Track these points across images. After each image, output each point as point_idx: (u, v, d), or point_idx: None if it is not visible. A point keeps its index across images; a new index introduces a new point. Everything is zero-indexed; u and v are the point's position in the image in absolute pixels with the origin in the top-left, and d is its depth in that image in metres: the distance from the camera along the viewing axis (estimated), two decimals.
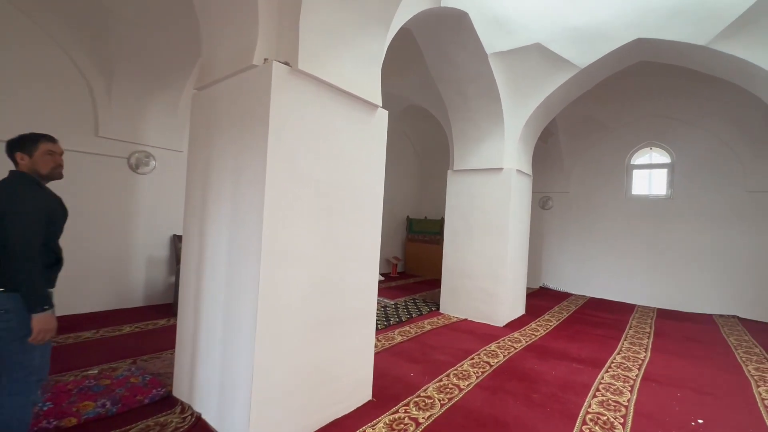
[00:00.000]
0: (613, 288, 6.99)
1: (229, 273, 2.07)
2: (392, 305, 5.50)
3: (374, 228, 2.62)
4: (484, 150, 5.01)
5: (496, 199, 4.89)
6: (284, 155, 1.96)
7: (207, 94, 2.36)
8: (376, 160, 2.60)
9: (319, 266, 2.20)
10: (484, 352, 3.76)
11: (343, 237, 2.35)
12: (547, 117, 5.22)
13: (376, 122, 2.57)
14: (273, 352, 1.95)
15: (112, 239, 4.46)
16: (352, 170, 2.41)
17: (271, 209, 1.90)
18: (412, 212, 9.47)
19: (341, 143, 2.32)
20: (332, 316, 2.30)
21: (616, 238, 7.04)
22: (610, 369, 3.46)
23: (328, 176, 2.24)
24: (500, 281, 4.81)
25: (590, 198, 7.37)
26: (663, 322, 5.40)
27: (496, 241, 4.86)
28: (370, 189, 2.56)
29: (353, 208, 2.43)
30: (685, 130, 6.45)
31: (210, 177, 2.27)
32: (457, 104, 4.93)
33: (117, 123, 4.42)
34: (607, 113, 6.82)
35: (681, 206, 6.48)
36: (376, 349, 3.66)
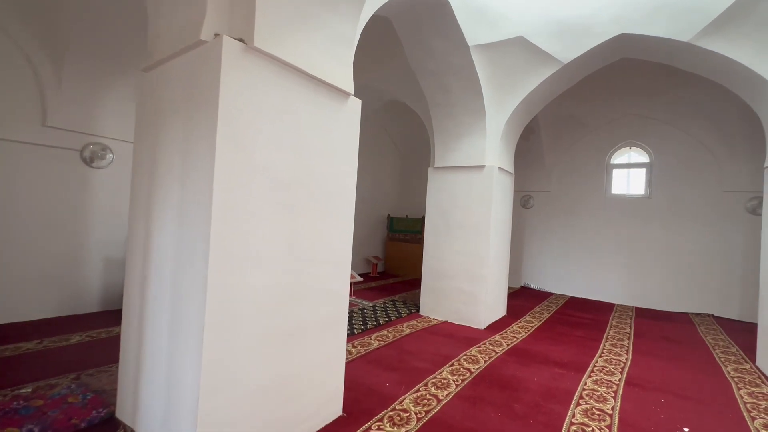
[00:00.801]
0: (593, 287, 6.99)
1: (175, 278, 1.81)
2: (370, 307, 5.28)
3: (346, 227, 2.39)
4: (465, 147, 4.85)
5: (478, 197, 4.74)
6: (238, 144, 1.71)
7: (153, 76, 2.08)
8: (347, 153, 2.37)
9: (281, 269, 1.96)
10: (465, 357, 3.59)
11: (309, 237, 2.12)
12: (530, 114, 5.10)
13: (347, 111, 2.35)
14: (224, 369, 1.70)
15: (61, 239, 4.07)
16: (320, 163, 2.17)
17: (221, 205, 1.65)
18: (393, 211, 9.27)
19: (307, 134, 2.08)
20: (297, 325, 2.06)
21: (596, 237, 7.03)
22: (592, 373, 3.35)
23: (291, 169, 2.00)
24: (481, 282, 4.66)
25: (571, 197, 7.35)
26: (642, 322, 5.39)
27: (477, 240, 4.71)
28: (341, 184, 2.33)
29: (321, 204, 2.20)
30: (663, 130, 6.48)
31: (157, 169, 2.00)
32: (438, 99, 4.75)
33: (67, 111, 4.03)
34: (588, 112, 6.79)
35: (659, 205, 6.52)
36: (351, 356, 3.44)
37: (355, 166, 2.43)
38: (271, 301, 1.91)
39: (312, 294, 2.15)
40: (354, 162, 2.42)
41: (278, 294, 1.95)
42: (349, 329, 4.15)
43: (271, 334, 1.91)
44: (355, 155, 2.42)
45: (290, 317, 2.02)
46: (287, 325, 2.00)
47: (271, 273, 1.90)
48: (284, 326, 1.98)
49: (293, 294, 2.04)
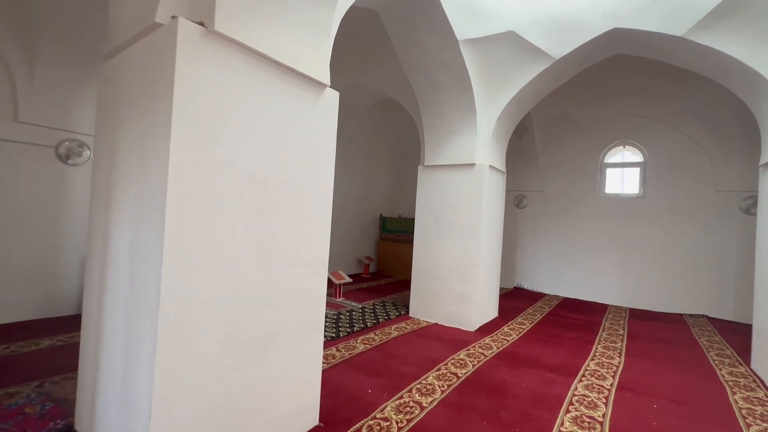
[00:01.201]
0: (587, 288, 6.90)
1: (131, 281, 1.67)
2: (359, 309, 5.16)
3: (323, 226, 2.26)
4: (455, 145, 4.73)
5: (468, 196, 4.63)
6: (196, 137, 1.58)
7: (113, 65, 1.94)
8: (324, 148, 2.24)
9: (249, 272, 1.82)
10: (452, 361, 3.47)
11: (281, 237, 1.99)
12: (522, 111, 4.99)
13: (323, 104, 2.22)
14: (179, 381, 1.57)
15: (36, 239, 3.91)
16: (293, 159, 2.04)
17: (178, 201, 1.52)
18: (386, 211, 9.15)
19: (279, 127, 1.95)
20: (266, 331, 1.93)
21: (590, 237, 6.94)
22: (584, 378, 3.24)
23: (261, 164, 1.87)
24: (472, 283, 4.55)
25: (565, 197, 7.26)
26: (635, 323, 5.29)
27: (468, 240, 4.59)
28: (317, 181, 2.21)
29: (296, 202, 2.07)
30: (657, 129, 6.40)
31: (115, 165, 1.86)
32: (428, 95, 4.63)
33: (41, 106, 3.87)
34: (582, 110, 6.70)
35: (652, 205, 6.43)
36: (335, 360, 3.31)
37: (332, 162, 2.30)
38: (237, 306, 1.78)
39: (284, 298, 2.02)
40: (331, 158, 2.29)
41: (245, 298, 1.82)
42: (335, 332, 4.02)
43: (236, 341, 1.78)
44: (332, 150, 2.30)
45: (259, 323, 1.89)
46: (255, 332, 1.87)
47: (237, 275, 1.77)
48: (252, 333, 1.85)
49: (263, 298, 1.91)
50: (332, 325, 4.28)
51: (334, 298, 5.76)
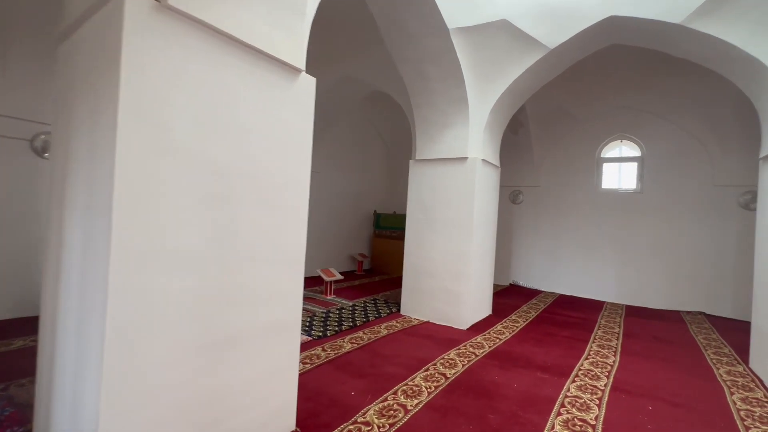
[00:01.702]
0: (583, 285, 6.80)
1: (82, 280, 1.54)
2: (349, 307, 5.03)
3: (298, 222, 2.13)
4: (447, 138, 4.60)
5: (460, 191, 4.50)
6: (149, 122, 1.45)
7: (66, 47, 1.81)
8: (299, 139, 2.11)
9: (212, 270, 1.69)
10: (441, 361, 3.35)
11: (250, 233, 1.86)
12: (516, 104, 4.86)
13: (298, 91, 2.08)
14: (134, 389, 1.44)
15: (11, 236, 3.78)
16: (264, 149, 1.91)
17: (127, 193, 1.39)
18: (380, 207, 9.02)
19: (247, 114, 1.82)
20: (233, 333, 1.80)
21: (586, 233, 6.83)
22: (577, 378, 3.13)
23: (227, 155, 1.73)
24: (464, 280, 4.43)
25: (561, 192, 7.13)
26: (632, 321, 5.19)
27: (460, 236, 4.47)
28: (291, 174, 2.07)
29: (267, 196, 1.94)
30: (655, 123, 6.27)
31: (69, 154, 1.72)
32: (418, 87, 4.49)
33: (14, 98, 3.72)
34: (578, 104, 6.56)
35: (650, 200, 6.32)
36: (318, 361, 3.19)
37: (308, 153, 2.17)
38: (197, 307, 1.65)
39: (253, 297, 1.89)
40: (307, 148, 2.16)
41: (208, 297, 1.69)
42: (322, 331, 3.90)
43: (197, 345, 1.65)
44: (309, 140, 2.16)
45: (224, 325, 1.76)
46: (220, 335, 1.74)
47: (198, 274, 1.64)
48: (216, 336, 1.72)
49: (229, 297, 1.78)
50: (320, 324, 4.16)
51: (324, 295, 5.64)
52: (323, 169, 7.45)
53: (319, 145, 7.23)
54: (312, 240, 7.45)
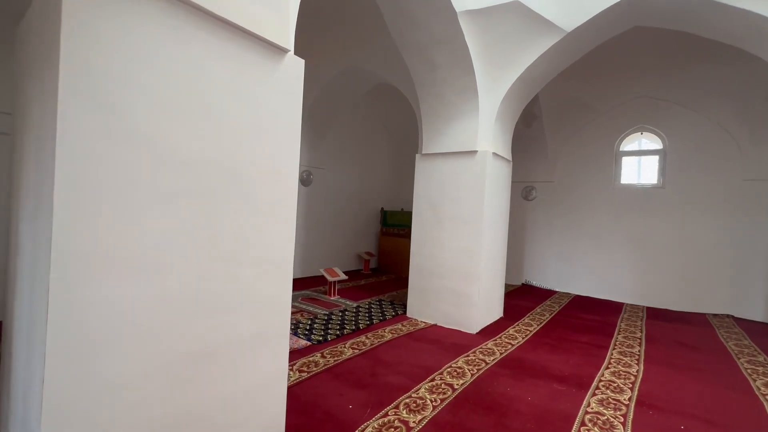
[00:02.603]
0: (600, 285, 6.46)
1: (31, 286, 1.35)
2: (353, 308, 4.82)
3: (286, 219, 1.91)
4: (455, 131, 4.33)
5: (469, 186, 4.23)
6: (98, 103, 1.24)
7: (23, 25, 1.62)
8: (286, 128, 1.89)
9: (181, 275, 1.49)
10: (449, 369, 3.11)
11: (226, 233, 1.65)
12: (529, 93, 4.56)
13: (284, 74, 1.86)
14: (84, 412, 1.24)
15: None
16: (243, 137, 1.69)
17: (70, 187, 1.19)
18: (387, 204, 8.78)
19: (224, 99, 1.60)
20: (208, 346, 1.60)
21: (604, 230, 6.48)
22: (598, 390, 2.85)
23: (198, 143, 1.52)
24: (473, 281, 4.17)
25: (576, 187, 6.79)
26: (654, 324, 4.85)
27: (469, 234, 4.21)
28: (277, 167, 1.85)
29: (250, 192, 1.73)
30: (678, 113, 5.88)
31: (24, 144, 1.54)
32: (424, 76, 4.23)
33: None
34: (595, 94, 6.20)
35: (672, 196, 5.94)
36: (316, 369, 2.98)
37: (296, 144, 1.95)
38: (164, 317, 1.44)
39: (232, 305, 1.68)
40: (295, 137, 1.94)
41: (176, 307, 1.48)
42: (322, 335, 3.70)
43: (163, 360, 1.44)
44: (297, 129, 1.94)
45: (197, 336, 1.55)
46: (191, 347, 1.53)
47: (163, 280, 1.43)
48: (186, 348, 1.52)
49: (201, 306, 1.57)
50: (321, 327, 3.96)
51: (328, 296, 5.44)
52: (328, 164, 7.25)
53: (324, 140, 7.03)
54: (317, 238, 7.29)
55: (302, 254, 6.86)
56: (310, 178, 6.88)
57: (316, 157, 6.95)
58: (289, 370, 2.91)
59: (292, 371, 2.91)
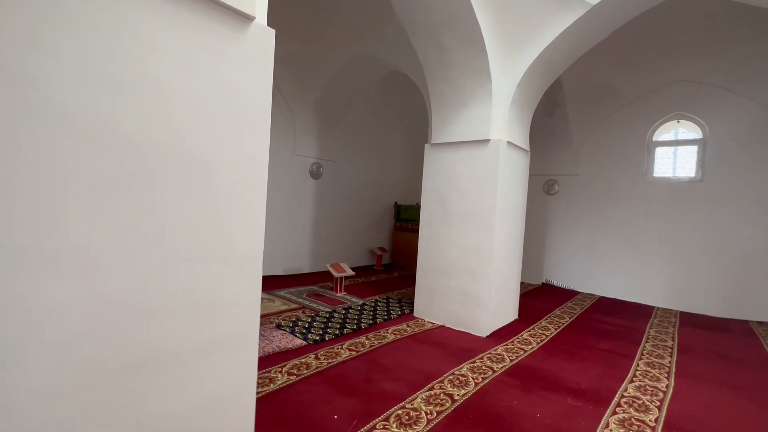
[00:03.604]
0: (628, 286, 5.97)
1: None
2: (358, 306, 4.62)
3: (252, 210, 1.70)
4: (466, 118, 4.01)
5: (481, 178, 3.92)
6: (8, 72, 1.06)
7: None
8: (251, 105, 1.67)
9: (115, 274, 1.30)
10: (451, 377, 2.85)
11: (180, 225, 1.45)
12: (550, 76, 4.16)
13: (249, 45, 1.63)
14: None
15: None
16: (197, 117, 1.48)
17: None
18: (401, 198, 8.51)
19: (167, 70, 1.39)
20: (158, 353, 1.41)
21: (633, 227, 5.98)
22: (619, 408, 2.52)
23: (138, 123, 1.33)
24: (483, 281, 3.87)
25: (603, 181, 6.29)
26: (688, 332, 4.39)
27: (479, 230, 3.90)
28: (243, 153, 1.64)
29: (207, 180, 1.52)
30: (721, 98, 5.29)
31: None
32: (433, 59, 3.93)
33: None
34: (626, 78, 5.68)
35: (712, 190, 5.37)
36: (307, 372, 2.79)
37: (265, 125, 1.72)
38: (102, 321, 1.26)
39: (188, 307, 1.49)
40: (263, 119, 1.72)
41: (118, 309, 1.30)
42: (320, 335, 3.51)
43: (101, 370, 1.27)
44: (265, 109, 1.72)
45: (142, 343, 1.37)
46: (136, 355, 1.35)
47: (101, 279, 1.25)
48: (130, 357, 1.33)
49: (150, 308, 1.38)
50: (321, 326, 3.77)
51: (334, 292, 5.26)
52: (340, 157, 7.05)
53: (335, 131, 6.83)
54: (327, 233, 7.12)
55: (312, 249, 6.72)
56: (321, 171, 6.71)
57: (326, 149, 6.76)
58: (277, 373, 2.74)
59: (281, 374, 2.73)
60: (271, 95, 1.72)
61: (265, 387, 2.52)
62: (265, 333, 3.47)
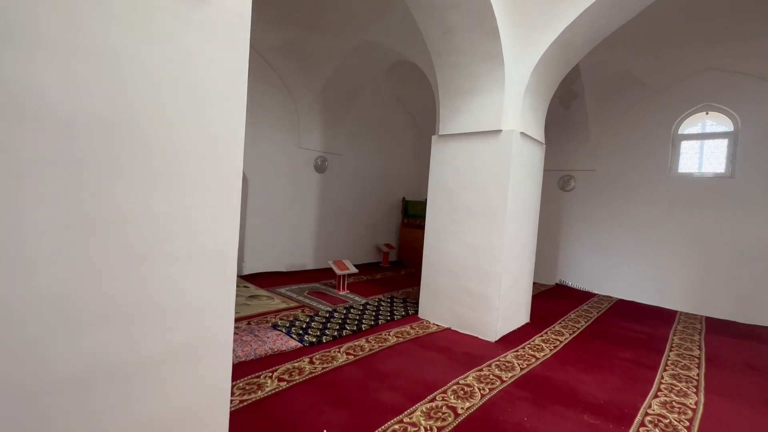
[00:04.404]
0: (649, 288, 5.62)
1: None
2: (360, 306, 4.40)
3: (225, 201, 1.49)
4: (475, 107, 3.74)
5: (491, 172, 3.65)
6: None
7: None
8: (224, 80, 1.45)
9: (63, 274, 1.11)
10: (455, 387, 2.61)
11: (137, 220, 1.25)
12: (567, 62, 3.86)
13: (218, 9, 1.41)
14: None
15: None
16: (159, 94, 1.28)
17: None
18: (409, 193, 8.26)
19: (124, 39, 1.19)
20: (111, 363, 1.22)
21: (655, 226, 5.61)
22: (643, 428, 2.25)
23: (83, 95, 1.12)
24: (493, 281, 3.61)
25: (623, 176, 5.93)
26: (716, 340, 4.06)
27: (489, 228, 3.64)
28: (212, 132, 1.43)
29: (168, 165, 1.32)
30: (755, 88, 4.89)
31: None
32: (440, 44, 3.66)
33: None
34: (650, 66, 5.30)
35: (743, 187, 4.98)
36: (299, 378, 2.59)
37: (241, 104, 1.51)
38: (37, 328, 1.07)
39: (145, 310, 1.29)
40: (240, 97, 1.50)
41: (57, 314, 1.10)
42: (317, 337, 3.30)
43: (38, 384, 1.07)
44: (242, 86, 1.50)
45: (87, 353, 1.17)
46: (80, 367, 1.15)
47: (34, 279, 1.06)
48: (72, 368, 1.14)
49: (98, 313, 1.19)
50: (319, 327, 3.57)
51: (337, 290, 5.07)
52: (346, 150, 6.83)
53: (341, 124, 6.61)
54: (332, 228, 6.92)
55: (316, 245, 6.53)
56: (326, 165, 6.50)
57: (332, 142, 6.55)
58: (267, 378, 2.55)
59: (271, 379, 2.54)
60: (246, 69, 1.50)
61: (252, 394, 2.33)
62: (260, 333, 3.29)
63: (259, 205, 5.68)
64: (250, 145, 5.44)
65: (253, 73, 5.37)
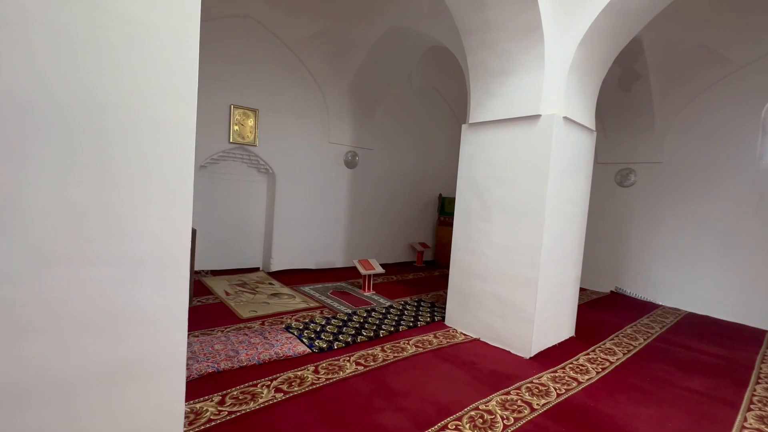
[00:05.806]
0: (728, 301, 4.74)
1: None
2: (383, 309, 4.12)
3: (173, 200, 1.27)
4: (510, 89, 3.28)
5: (528, 163, 3.18)
6: None
7: None
8: (165, 49, 1.23)
9: None
10: (472, 414, 2.24)
11: (56, 216, 1.07)
12: (624, 35, 3.26)
13: None
14: None
15: None
16: (85, 63, 1.08)
17: None
18: (446, 190, 7.80)
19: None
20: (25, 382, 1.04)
21: (737, 227, 4.72)
22: None
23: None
24: (528, 287, 3.15)
25: (696, 170, 5.06)
26: None
27: (525, 227, 3.18)
28: (154, 113, 1.22)
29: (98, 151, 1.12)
30: None
31: None
32: (471, 20, 3.25)
33: None
34: (730, 39, 4.42)
35: None
36: (299, 389, 2.37)
37: (192, 83, 1.28)
38: None
39: (68, 322, 1.11)
40: (191, 72, 1.27)
41: None
42: (328, 342, 3.08)
43: None
44: (192, 59, 1.27)
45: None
46: None
47: None
48: None
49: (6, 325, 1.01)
50: (333, 331, 3.35)
51: (362, 291, 4.83)
52: (377, 145, 6.56)
53: (372, 117, 6.35)
54: (363, 226, 6.67)
55: (346, 243, 6.35)
56: (356, 160, 6.28)
57: (362, 136, 6.31)
58: (264, 387, 2.36)
59: (268, 389, 2.34)
60: (198, 38, 1.26)
61: (243, 405, 2.14)
62: (270, 336, 3.13)
63: (287, 202, 5.59)
64: (277, 140, 5.37)
65: (280, 66, 5.28)
